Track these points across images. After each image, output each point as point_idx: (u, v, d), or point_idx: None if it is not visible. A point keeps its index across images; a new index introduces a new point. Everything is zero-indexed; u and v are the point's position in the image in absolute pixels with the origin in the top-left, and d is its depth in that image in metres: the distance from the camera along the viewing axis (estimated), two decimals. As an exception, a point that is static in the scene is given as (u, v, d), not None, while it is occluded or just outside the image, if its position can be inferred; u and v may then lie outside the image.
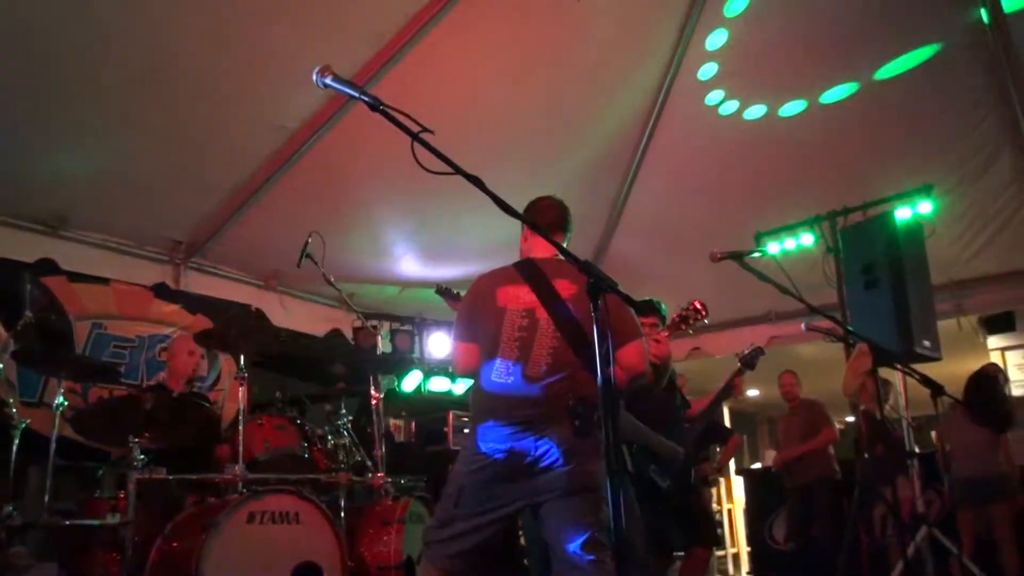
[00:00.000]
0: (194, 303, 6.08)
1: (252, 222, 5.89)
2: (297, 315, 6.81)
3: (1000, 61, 5.32)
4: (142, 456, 3.85)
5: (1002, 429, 5.76)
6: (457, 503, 2.79)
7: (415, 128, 2.07)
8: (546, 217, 3.11)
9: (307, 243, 4.99)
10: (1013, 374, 8.71)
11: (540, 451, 2.69)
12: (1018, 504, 5.69)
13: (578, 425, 2.66)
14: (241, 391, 4.32)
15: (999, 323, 8.41)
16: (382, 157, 5.40)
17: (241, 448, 4.12)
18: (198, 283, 6.17)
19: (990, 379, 5.94)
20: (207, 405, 4.96)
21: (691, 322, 3.91)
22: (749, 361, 4.76)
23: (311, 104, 5.18)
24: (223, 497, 4.13)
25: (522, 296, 2.91)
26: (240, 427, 4.17)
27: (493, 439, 2.77)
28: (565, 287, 2.89)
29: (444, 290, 4.28)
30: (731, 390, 4.82)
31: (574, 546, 2.64)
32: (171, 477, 4.11)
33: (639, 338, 2.87)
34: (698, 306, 3.87)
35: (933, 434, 5.69)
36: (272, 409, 4.86)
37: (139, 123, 4.90)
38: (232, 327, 4.50)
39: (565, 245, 2.87)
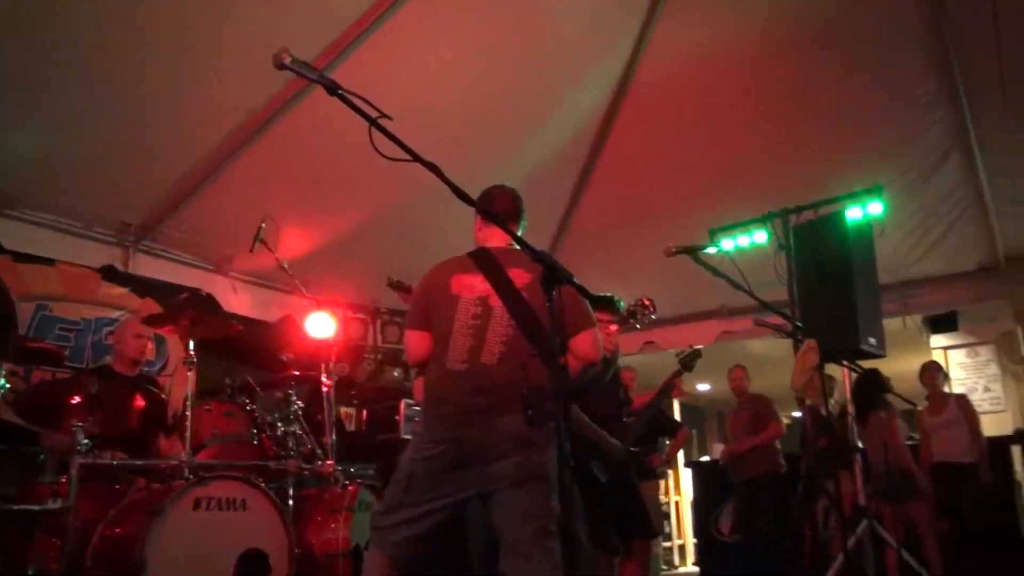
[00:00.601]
0: (143, 286, 5.96)
1: (205, 205, 5.77)
2: (249, 300, 6.72)
3: (951, 62, 5.42)
4: (85, 440, 3.76)
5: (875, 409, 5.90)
6: (407, 489, 2.78)
7: (373, 113, 2.05)
8: (499, 206, 3.09)
9: (261, 228, 4.93)
10: (955, 372, 8.99)
11: (492, 439, 2.70)
12: (931, 501, 5.84)
13: (531, 414, 2.67)
14: (190, 376, 4.27)
15: (943, 323, 8.68)
16: (340, 142, 5.34)
17: (188, 434, 4.07)
18: (148, 266, 6.03)
19: (875, 379, 5.96)
20: (154, 390, 4.88)
21: (639, 317, 3.96)
22: (687, 363, 4.90)
23: (268, 87, 5.09)
24: (168, 483, 4.07)
25: (476, 285, 2.91)
26: (188, 413, 4.12)
27: (445, 427, 2.77)
28: (519, 276, 2.89)
29: (396, 283, 4.28)
30: (670, 390, 4.91)
31: (524, 534, 2.66)
32: (115, 462, 4.05)
33: (592, 327, 2.89)
34: (646, 302, 3.94)
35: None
36: (221, 395, 4.81)
37: (89, 101, 4.77)
38: (181, 311, 4.43)
39: (519, 234, 2.88)
